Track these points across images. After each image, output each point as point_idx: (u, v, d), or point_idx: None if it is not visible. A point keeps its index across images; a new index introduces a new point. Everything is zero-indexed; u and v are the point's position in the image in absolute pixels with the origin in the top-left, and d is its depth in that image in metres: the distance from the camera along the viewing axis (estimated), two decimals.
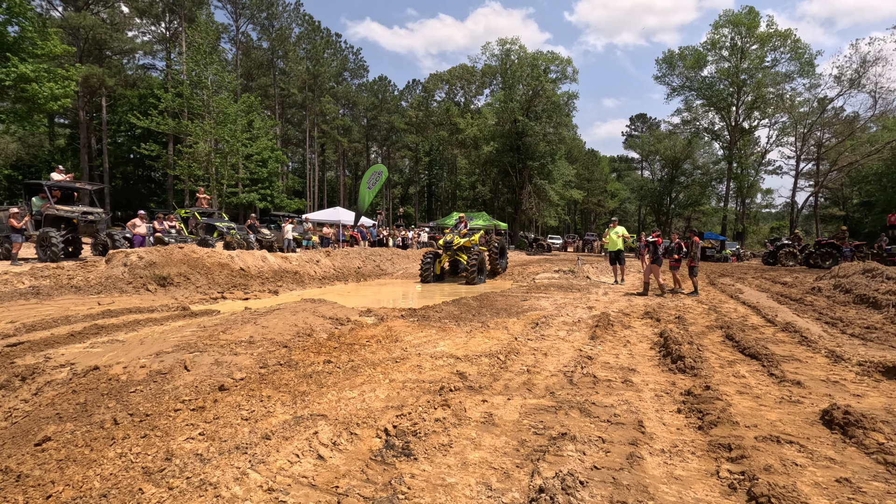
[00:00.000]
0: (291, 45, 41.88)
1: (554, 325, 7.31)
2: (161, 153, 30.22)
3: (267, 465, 2.70)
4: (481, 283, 14.62)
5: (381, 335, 5.64)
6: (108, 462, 2.65)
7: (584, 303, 9.61)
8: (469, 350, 5.32)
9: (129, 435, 2.96)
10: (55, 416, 3.33)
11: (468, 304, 8.53)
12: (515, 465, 2.76)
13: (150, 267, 11.17)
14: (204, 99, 27.48)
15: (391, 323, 6.32)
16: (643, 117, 77.87)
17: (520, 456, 2.88)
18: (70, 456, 2.71)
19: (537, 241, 42.21)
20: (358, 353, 4.84)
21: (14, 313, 7.44)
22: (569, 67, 40.03)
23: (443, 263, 15.52)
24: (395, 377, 4.21)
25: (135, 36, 36.59)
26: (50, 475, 2.50)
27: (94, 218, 14.12)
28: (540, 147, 40.15)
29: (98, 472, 2.55)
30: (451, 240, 15.00)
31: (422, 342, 5.49)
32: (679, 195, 59.38)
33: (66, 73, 19.99)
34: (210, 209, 19.08)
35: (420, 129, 55.17)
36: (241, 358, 4.45)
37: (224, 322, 5.74)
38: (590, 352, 5.69)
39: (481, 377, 4.42)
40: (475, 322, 7.05)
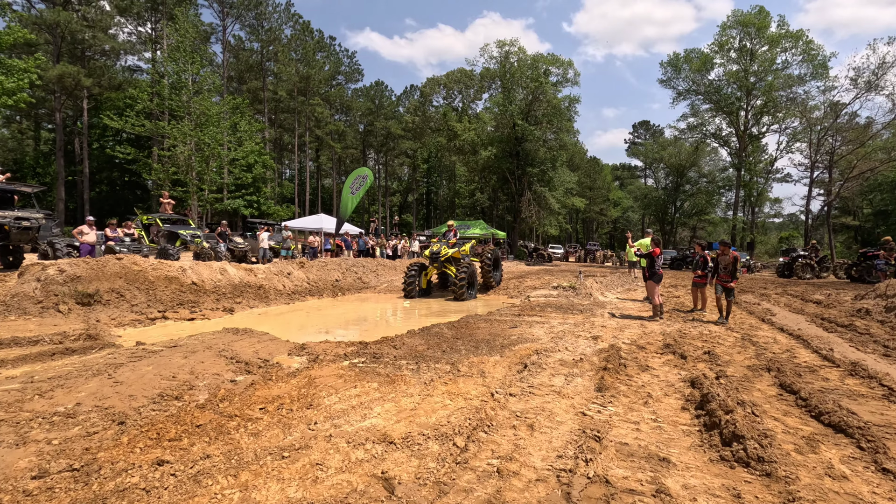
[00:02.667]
0: (282, 47, 40.43)
1: (548, 365, 5.52)
2: (138, 157, 28.62)
3: None
4: (472, 299, 12.86)
5: (291, 395, 3.86)
6: None
7: (587, 329, 7.82)
8: (416, 422, 3.54)
9: None
10: None
11: (441, 334, 6.74)
12: None
13: (73, 282, 9.42)
14: (184, 100, 25.88)
15: (318, 371, 4.53)
16: (646, 124, 76.40)
17: None
18: None
19: (537, 251, 40.38)
20: (229, 436, 3.06)
21: None
22: (570, 70, 38.47)
23: (429, 276, 13.93)
24: (264, 498, 2.43)
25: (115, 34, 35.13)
26: None
27: (30, 224, 12.42)
28: (540, 153, 38.46)
29: None
30: (437, 250, 13.45)
31: (348, 408, 3.70)
32: (684, 204, 57.55)
33: (23, 65, 18.41)
34: (174, 215, 17.35)
35: (417, 135, 53.57)
36: (18, 454, 2.68)
37: (67, 374, 3.97)
38: (597, 419, 3.90)
39: (419, 487, 2.64)
40: (442, 363, 5.27)
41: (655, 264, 9.10)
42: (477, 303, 12.50)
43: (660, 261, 9.19)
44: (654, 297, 9.16)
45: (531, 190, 38.32)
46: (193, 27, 27.01)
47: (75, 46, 32.88)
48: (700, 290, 10.41)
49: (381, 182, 63.14)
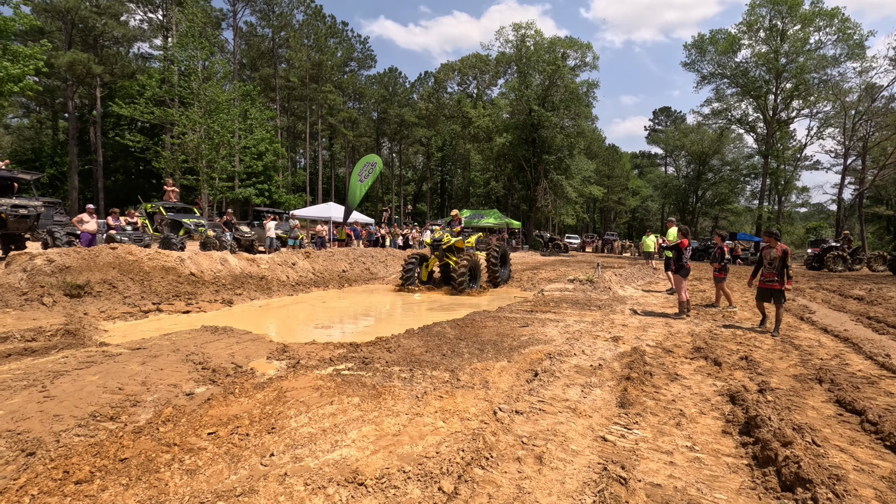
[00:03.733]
0: (293, 32, 39.74)
1: (563, 373, 4.83)
2: (149, 145, 28.41)
3: None
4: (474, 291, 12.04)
5: (253, 413, 3.23)
6: None
7: (606, 329, 7.08)
8: (398, 452, 2.88)
9: None
10: None
11: (443, 333, 6.08)
12: None
13: (62, 273, 8.99)
14: (193, 87, 25.46)
15: (292, 381, 3.90)
16: (667, 110, 74.12)
17: None
18: None
19: (553, 241, 39.44)
20: (158, 474, 2.44)
21: None
22: (589, 53, 37.02)
23: (430, 268, 12.88)
24: None
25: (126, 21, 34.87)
26: None
27: (27, 212, 12.08)
28: (557, 140, 37.27)
29: None
30: (440, 237, 12.49)
31: (317, 432, 3.06)
32: (706, 193, 55.73)
33: (29, 52, 18.09)
34: (179, 203, 16.95)
35: (431, 123, 52.59)
36: None
37: (1, 382, 3.41)
38: (621, 447, 3.22)
39: None
40: (441, 370, 4.61)
41: (683, 257, 8.27)
42: (487, 297, 11.80)
43: (688, 253, 8.36)
44: (680, 293, 8.35)
45: (547, 178, 37.26)
46: (203, 12, 26.50)
47: (87, 34, 32.70)
48: (718, 285, 9.62)
49: (395, 171, 62.48)
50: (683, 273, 8.32)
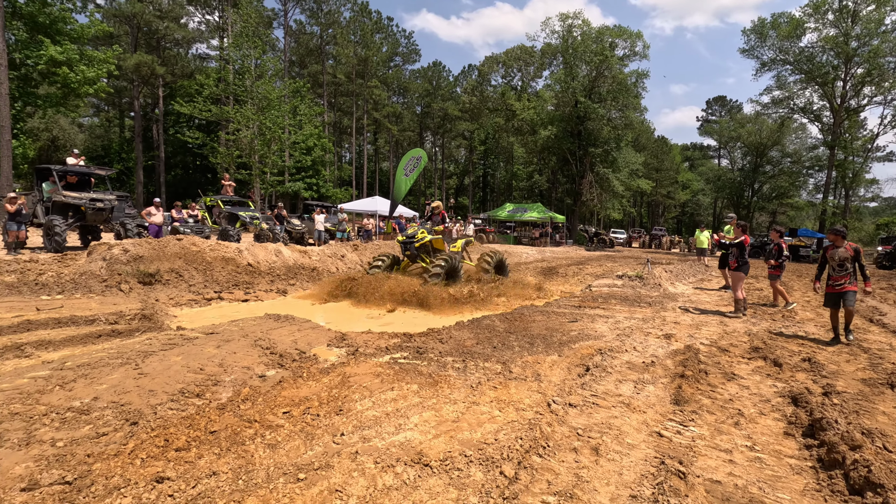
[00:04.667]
0: (341, 30, 40.57)
1: (614, 369, 4.83)
2: (206, 141, 29.86)
3: None
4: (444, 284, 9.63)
5: (321, 396, 3.46)
6: None
7: (657, 326, 6.97)
8: (458, 437, 3.02)
9: None
10: None
11: (492, 326, 6.19)
12: None
13: (135, 262, 9.72)
14: (247, 84, 26.57)
15: (354, 368, 4.12)
16: (722, 100, 70.61)
17: None
18: None
19: (598, 236, 38.63)
20: (244, 447, 2.69)
21: None
22: (639, 42, 35.79)
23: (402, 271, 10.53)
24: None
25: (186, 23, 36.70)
26: None
27: (103, 205, 13.06)
28: (604, 132, 36.34)
29: None
30: (412, 234, 10.32)
31: (382, 416, 3.25)
32: (763, 186, 52.79)
33: (102, 56, 19.45)
34: (235, 197, 17.81)
35: (475, 116, 52.44)
36: (17, 457, 2.43)
37: (97, 361, 3.80)
38: (677, 443, 3.22)
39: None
40: (492, 362, 4.72)
41: (745, 254, 8.00)
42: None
43: (748, 250, 8.09)
44: (737, 291, 8.08)
45: (593, 171, 36.45)
46: (256, 13, 27.52)
47: (151, 36, 34.68)
48: (773, 283, 9.23)
49: (437, 164, 62.83)
50: (744, 270, 8.05)
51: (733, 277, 8.16)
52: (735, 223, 8.49)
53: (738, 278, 8.06)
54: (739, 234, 8.20)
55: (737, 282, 8.09)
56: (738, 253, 8.04)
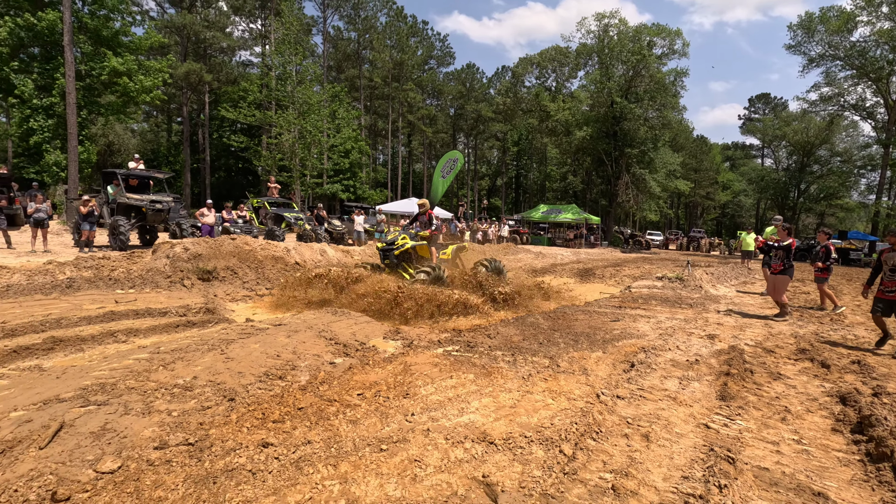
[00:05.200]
0: (377, 35, 41.49)
1: (659, 366, 4.99)
2: (250, 145, 31.12)
3: None
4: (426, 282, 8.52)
5: (388, 382, 3.79)
6: None
7: (700, 327, 7.03)
8: (516, 421, 3.29)
9: None
10: None
11: (537, 324, 6.42)
12: None
13: (195, 259, 10.40)
14: (288, 90, 27.57)
15: (414, 357, 4.45)
16: (766, 97, 68.09)
17: None
18: None
19: (634, 237, 38.02)
20: (328, 422, 3.04)
21: (21, 310, 6.69)
22: (678, 40, 35.04)
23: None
24: (363, 493, 2.34)
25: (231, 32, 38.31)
26: None
27: (161, 206, 13.94)
28: (640, 132, 35.74)
29: None
30: (393, 239, 9.15)
31: (445, 400, 3.55)
32: (810, 187, 50.65)
33: (157, 66, 20.66)
34: (281, 199, 18.58)
35: (508, 117, 52.48)
36: (144, 423, 2.85)
37: (187, 347, 4.26)
38: (724, 434, 3.39)
39: (524, 498, 2.40)
40: (540, 357, 4.96)
41: (791, 257, 7.93)
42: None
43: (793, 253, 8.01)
44: (781, 295, 8.01)
45: (629, 172, 35.89)
46: (297, 20, 28.51)
47: (198, 45, 36.37)
48: (820, 286, 9.06)
49: (469, 165, 63.11)
50: (789, 274, 7.97)
51: (778, 281, 8.06)
52: (780, 226, 8.39)
53: (784, 282, 7.99)
54: (784, 237, 8.11)
55: (781, 286, 8.01)
56: (784, 256, 7.97)
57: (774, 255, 8.10)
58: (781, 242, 8.04)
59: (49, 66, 18.82)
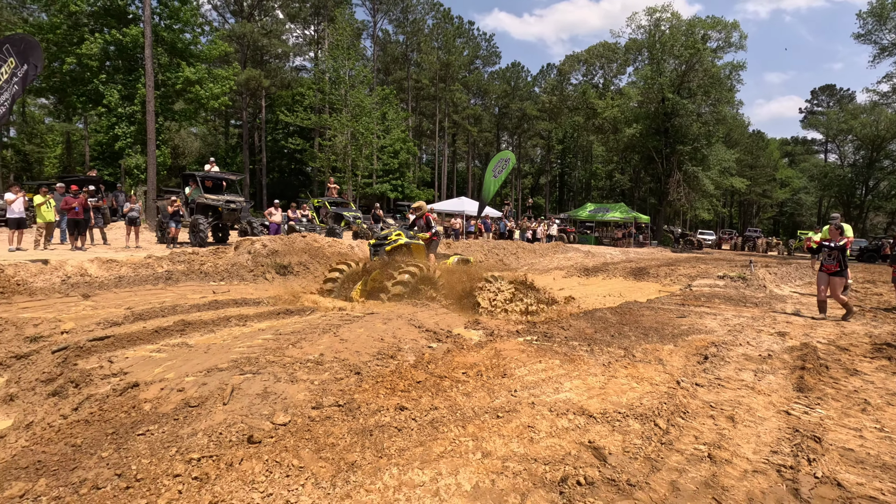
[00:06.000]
0: (424, 37, 42.24)
1: (731, 359, 5.19)
2: (305, 147, 32.52)
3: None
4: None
5: (485, 364, 4.23)
6: None
7: (768, 325, 7.10)
8: (608, 400, 3.65)
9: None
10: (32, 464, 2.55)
11: (605, 318, 6.71)
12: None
13: (273, 255, 11.25)
14: (342, 94, 28.67)
15: (501, 344, 4.88)
16: (830, 89, 64.30)
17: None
18: None
19: (685, 237, 37.02)
20: (446, 393, 3.51)
21: (138, 298, 7.61)
22: (734, 33, 33.88)
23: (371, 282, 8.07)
24: (492, 448, 2.78)
25: (287, 39, 40.11)
26: None
27: (235, 206, 15.01)
28: (693, 128, 34.77)
29: None
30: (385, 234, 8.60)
31: (539, 381, 3.96)
32: (879, 184, 47.60)
33: (225, 74, 22.08)
34: (339, 199, 19.49)
35: (553, 115, 52.10)
36: (295, 388, 3.40)
37: (302, 330, 4.86)
38: (806, 420, 3.61)
39: (629, 460, 2.77)
40: (615, 348, 5.27)
41: (846, 257, 7.84)
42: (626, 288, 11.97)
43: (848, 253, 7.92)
44: (840, 295, 7.84)
45: (681, 170, 35.00)
46: (350, 26, 29.57)
47: (256, 52, 38.26)
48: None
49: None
50: (845, 274, 7.87)
51: (834, 282, 7.88)
52: (833, 226, 8.23)
53: (840, 283, 7.84)
54: (837, 237, 7.96)
55: (837, 287, 7.86)
56: (839, 256, 7.83)
57: (829, 256, 7.94)
58: (837, 242, 7.90)
59: (131, 77, 20.48)
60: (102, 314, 6.57)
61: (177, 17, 20.68)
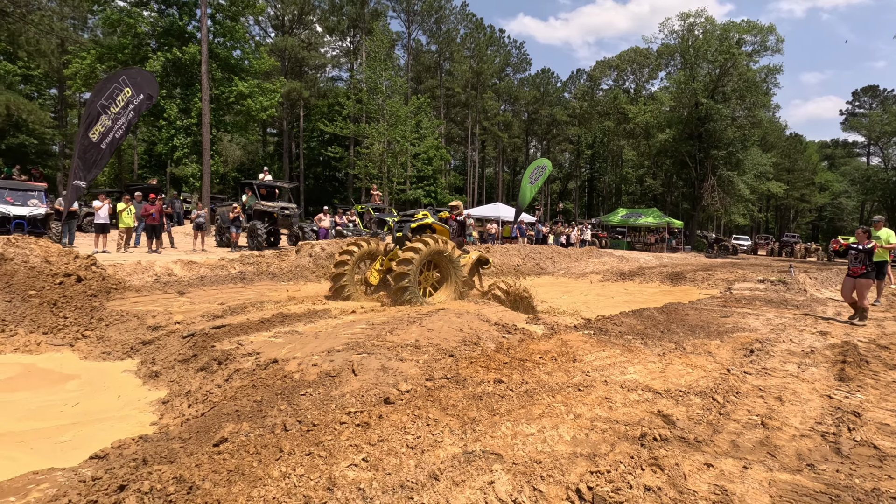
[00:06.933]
0: (457, 46, 43.20)
1: (776, 354, 5.67)
2: (343, 155, 33.77)
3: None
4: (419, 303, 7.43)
5: (556, 351, 4.87)
6: (272, 483, 2.41)
7: (810, 325, 7.49)
8: (669, 382, 4.24)
9: (295, 450, 2.73)
10: (234, 413, 3.33)
11: (653, 317, 7.24)
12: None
13: (331, 258, 12.12)
14: (379, 103, 29.76)
15: (565, 336, 5.50)
16: (873, 90, 62.28)
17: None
18: (240, 467, 2.55)
19: (719, 242, 36.68)
20: (531, 372, 4.16)
21: (225, 295, 8.53)
22: (771, 36, 33.51)
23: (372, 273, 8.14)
24: (580, 411, 3.42)
25: (325, 52, 41.68)
26: (218, 490, 2.33)
27: (289, 213, 16.05)
28: (728, 133, 34.46)
29: (262, 495, 2.31)
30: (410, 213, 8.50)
31: (605, 365, 4.57)
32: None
33: (272, 87, 23.38)
34: (381, 205, 20.39)
35: (583, 121, 52.24)
36: (406, 365, 4.12)
37: (391, 321, 5.59)
38: (846, 402, 4.11)
39: (694, 425, 3.37)
40: (666, 342, 5.82)
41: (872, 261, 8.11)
42: (668, 294, 12.38)
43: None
44: (864, 299, 8.00)
45: (715, 174, 34.72)
46: (387, 38, 30.68)
47: (295, 64, 39.91)
48: None
49: None
50: (871, 277, 8.12)
51: (860, 284, 8.05)
52: (861, 229, 8.47)
53: (866, 286, 8.05)
54: (864, 240, 8.20)
55: (864, 289, 8.05)
56: (866, 259, 8.07)
57: (856, 259, 8.13)
58: (865, 245, 8.12)
59: (188, 92, 21.94)
60: (202, 308, 7.50)
61: (230, 35, 22.10)
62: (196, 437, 3.01)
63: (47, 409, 4.44)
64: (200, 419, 3.35)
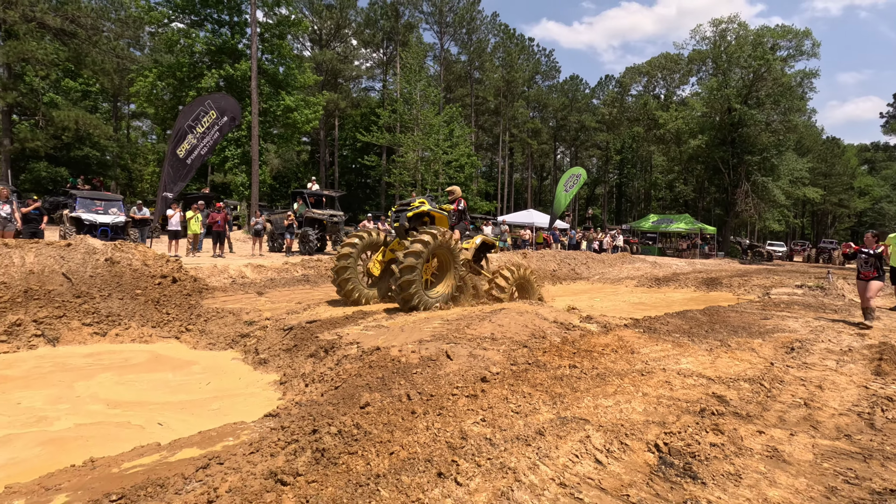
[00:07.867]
0: (488, 56, 44.15)
1: (815, 351, 6.18)
2: (378, 163, 34.97)
3: (551, 460, 2.89)
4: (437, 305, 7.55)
5: (615, 344, 5.53)
6: (420, 432, 3.17)
7: (848, 327, 7.90)
8: (719, 371, 4.85)
9: (427, 411, 3.49)
10: (365, 385, 4.13)
11: (696, 318, 7.79)
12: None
13: None
14: (413, 113, 30.80)
15: (620, 332, 6.15)
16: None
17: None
18: (390, 422, 3.33)
19: (754, 248, 36.27)
20: (598, 360, 4.84)
21: (299, 296, 9.45)
22: (806, 41, 33.21)
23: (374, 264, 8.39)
24: (647, 391, 4.09)
25: (360, 64, 43.24)
26: (384, 435, 3.11)
27: (337, 220, 17.06)
28: (762, 138, 34.20)
29: (416, 440, 3.07)
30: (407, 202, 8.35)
31: (661, 356, 5.21)
32: None
33: (315, 101, 24.64)
34: None
35: (612, 127, 52.36)
36: (490, 353, 4.85)
37: (464, 317, 6.33)
38: (882, 393, 4.65)
39: (745, 404, 3.99)
40: (711, 339, 6.40)
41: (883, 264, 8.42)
42: (706, 296, 12.77)
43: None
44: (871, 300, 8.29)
45: (749, 180, 34.47)
46: (421, 50, 31.75)
47: (331, 76, 41.48)
48: None
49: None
50: (882, 279, 8.41)
51: (871, 287, 8.33)
52: (870, 234, 8.78)
53: (876, 288, 8.35)
54: (873, 244, 8.47)
55: (873, 290, 8.35)
56: (876, 263, 8.36)
57: (866, 262, 8.37)
58: (874, 250, 8.42)
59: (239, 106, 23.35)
60: (283, 306, 8.41)
61: (277, 52, 23.46)
62: (343, 402, 3.80)
63: (188, 386, 5.35)
64: (339, 390, 4.16)
